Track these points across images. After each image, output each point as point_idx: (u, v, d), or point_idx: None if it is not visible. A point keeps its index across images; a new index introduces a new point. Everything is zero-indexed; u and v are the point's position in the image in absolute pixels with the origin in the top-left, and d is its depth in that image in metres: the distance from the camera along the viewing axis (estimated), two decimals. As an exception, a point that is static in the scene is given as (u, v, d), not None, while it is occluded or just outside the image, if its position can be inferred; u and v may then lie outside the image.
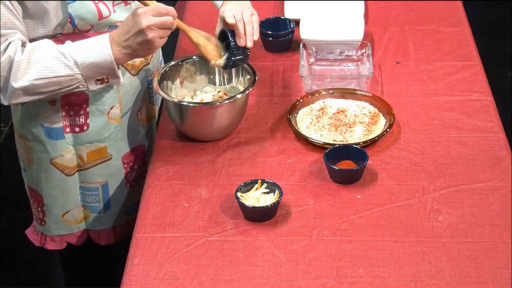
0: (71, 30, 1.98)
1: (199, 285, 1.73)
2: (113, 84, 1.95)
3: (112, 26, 2.03)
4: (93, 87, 1.93)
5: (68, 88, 1.91)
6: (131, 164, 2.25)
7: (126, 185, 2.27)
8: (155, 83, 2.11)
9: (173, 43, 2.55)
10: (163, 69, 2.16)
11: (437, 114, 2.18)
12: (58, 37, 1.98)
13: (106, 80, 1.93)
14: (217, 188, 1.97)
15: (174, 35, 2.62)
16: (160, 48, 2.27)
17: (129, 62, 2.10)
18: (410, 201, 1.91)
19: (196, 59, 2.21)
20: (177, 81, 2.20)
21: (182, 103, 2.06)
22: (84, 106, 2.09)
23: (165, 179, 2.01)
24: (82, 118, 2.10)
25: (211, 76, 2.23)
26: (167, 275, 1.75)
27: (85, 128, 2.12)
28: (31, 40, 1.94)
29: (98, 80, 1.92)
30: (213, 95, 2.18)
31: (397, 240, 1.81)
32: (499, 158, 2.02)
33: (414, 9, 2.64)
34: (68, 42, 1.92)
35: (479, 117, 2.16)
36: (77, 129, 2.12)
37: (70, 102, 2.07)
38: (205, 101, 2.14)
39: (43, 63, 1.87)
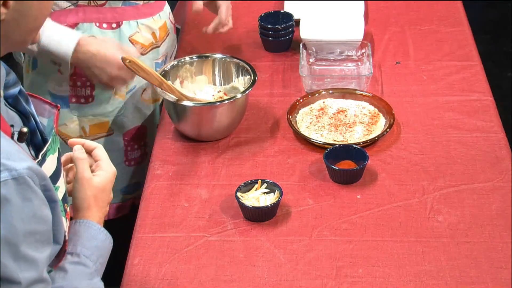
0: (87, 1, 2.04)
1: (199, 285, 1.73)
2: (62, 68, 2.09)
3: (126, 1, 2.09)
4: (44, 60, 2.09)
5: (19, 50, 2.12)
6: (131, 142, 2.28)
7: (125, 163, 2.29)
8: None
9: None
10: (163, 69, 2.17)
11: (437, 114, 2.18)
12: (74, 6, 2.04)
13: (57, 64, 2.07)
14: (217, 188, 1.97)
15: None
16: (175, 35, 2.37)
17: (139, 40, 2.17)
18: (410, 201, 1.91)
19: (196, 59, 2.22)
20: (177, 81, 2.20)
21: (182, 103, 2.06)
22: None
23: (165, 179, 2.01)
24: (88, 90, 2.15)
25: (211, 76, 2.23)
26: (167, 275, 1.75)
27: (90, 100, 2.16)
28: None
29: (51, 60, 2.06)
30: (213, 95, 2.18)
31: (397, 240, 1.81)
32: (499, 158, 2.02)
33: (414, 9, 2.64)
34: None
35: (479, 117, 2.16)
36: (82, 100, 2.16)
37: (78, 73, 2.13)
38: (205, 101, 2.14)
39: None
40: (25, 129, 1.30)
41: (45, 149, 1.34)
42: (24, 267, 1.24)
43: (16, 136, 1.30)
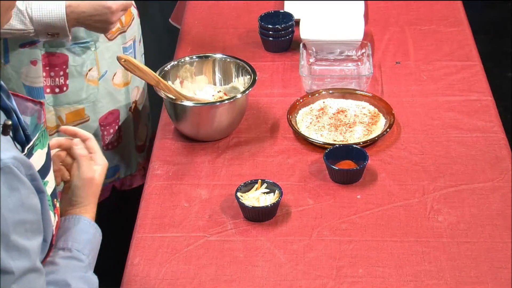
0: None
1: (199, 285, 1.73)
2: (62, 39, 2.06)
3: None
4: (43, 39, 2.04)
5: (20, 37, 2.04)
6: (107, 127, 2.30)
7: (103, 148, 2.31)
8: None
9: (173, 43, 2.55)
10: (163, 69, 2.17)
11: (437, 114, 2.18)
12: None
13: (56, 36, 2.03)
14: (217, 188, 1.97)
15: (174, 35, 2.63)
16: (139, 19, 2.35)
17: None
18: (410, 201, 1.91)
19: (196, 59, 2.22)
20: (177, 81, 2.20)
21: (182, 103, 2.06)
22: (64, 67, 2.15)
23: (165, 179, 2.01)
24: (62, 79, 2.17)
25: (211, 76, 2.23)
26: (167, 275, 1.75)
27: (64, 89, 2.18)
28: None
29: (49, 34, 2.02)
30: (213, 95, 2.18)
31: (397, 240, 1.81)
32: (499, 158, 2.02)
33: (414, 9, 2.64)
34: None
35: (479, 117, 2.16)
36: (57, 90, 2.18)
37: (51, 62, 2.14)
38: (205, 101, 2.14)
39: None
40: (9, 122, 1.30)
41: (31, 143, 1.34)
42: (16, 256, 1.24)
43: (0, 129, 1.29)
